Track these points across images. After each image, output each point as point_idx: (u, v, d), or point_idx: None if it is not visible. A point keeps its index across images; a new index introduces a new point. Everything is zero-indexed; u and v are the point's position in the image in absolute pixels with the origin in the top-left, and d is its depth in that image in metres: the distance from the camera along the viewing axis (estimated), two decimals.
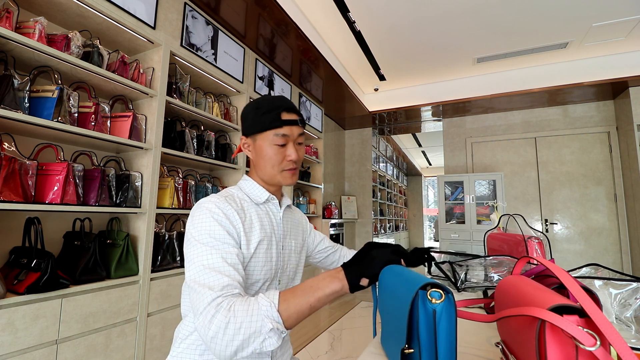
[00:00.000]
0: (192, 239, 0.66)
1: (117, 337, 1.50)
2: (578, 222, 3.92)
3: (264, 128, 0.77)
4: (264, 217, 0.80)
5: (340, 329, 2.87)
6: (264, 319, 0.55)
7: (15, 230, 1.39)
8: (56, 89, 1.33)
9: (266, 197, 0.81)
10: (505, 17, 2.77)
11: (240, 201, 0.77)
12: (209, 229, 0.67)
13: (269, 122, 0.76)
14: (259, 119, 0.78)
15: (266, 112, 0.77)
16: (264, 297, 0.57)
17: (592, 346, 0.33)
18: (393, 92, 4.38)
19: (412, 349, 0.45)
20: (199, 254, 0.63)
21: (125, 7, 1.64)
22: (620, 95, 3.66)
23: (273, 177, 0.80)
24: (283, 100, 0.80)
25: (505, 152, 4.33)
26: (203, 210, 0.69)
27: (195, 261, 0.63)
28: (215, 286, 0.58)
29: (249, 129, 0.80)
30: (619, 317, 0.70)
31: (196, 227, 0.67)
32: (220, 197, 0.74)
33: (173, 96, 1.93)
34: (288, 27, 2.54)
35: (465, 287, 0.98)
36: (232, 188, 0.83)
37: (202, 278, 0.60)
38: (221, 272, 0.61)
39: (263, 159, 0.78)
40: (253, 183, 0.82)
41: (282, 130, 0.77)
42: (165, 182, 1.87)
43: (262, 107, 0.78)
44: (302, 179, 3.60)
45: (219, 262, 0.62)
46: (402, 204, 8.53)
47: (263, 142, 0.78)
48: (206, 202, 0.72)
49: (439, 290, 0.44)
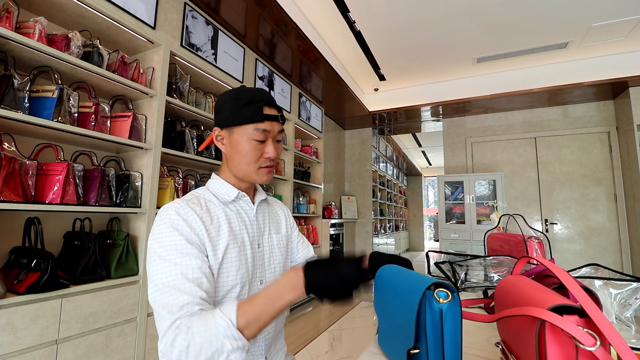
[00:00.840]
0: (152, 252, 0.62)
1: (117, 337, 1.50)
2: (578, 222, 3.92)
3: (244, 121, 0.71)
4: (234, 217, 0.75)
5: (340, 329, 2.87)
6: (223, 340, 0.53)
7: (15, 230, 1.39)
8: (56, 89, 1.33)
9: (235, 195, 0.76)
10: (505, 17, 2.77)
11: (205, 203, 0.73)
12: (168, 240, 0.62)
13: (250, 115, 0.71)
14: (238, 110, 0.72)
15: (247, 103, 0.71)
16: (221, 316, 0.54)
17: (592, 346, 0.33)
18: (393, 92, 4.38)
19: (418, 349, 0.45)
20: (158, 270, 0.60)
21: (125, 7, 1.64)
22: (620, 95, 3.66)
23: (248, 174, 0.75)
24: (265, 93, 0.75)
25: (505, 152, 4.33)
26: (163, 219, 0.65)
27: (155, 279, 0.59)
28: (174, 307, 0.56)
29: (225, 120, 0.74)
30: (619, 317, 0.70)
31: (156, 239, 0.63)
32: (183, 201, 0.69)
33: (173, 96, 1.93)
34: (288, 27, 2.54)
35: (465, 287, 0.98)
36: (200, 189, 0.78)
37: (161, 298, 0.57)
38: (180, 290, 0.57)
39: (239, 154, 0.73)
40: (221, 182, 0.78)
41: (263, 125, 0.72)
42: (165, 182, 1.87)
43: (242, 97, 0.72)
44: (302, 179, 3.60)
45: (178, 279, 0.59)
46: (402, 204, 8.53)
47: (240, 136, 0.72)
48: (167, 208, 0.67)
49: (445, 290, 0.44)
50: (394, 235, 7.02)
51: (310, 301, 3.56)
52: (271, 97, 0.75)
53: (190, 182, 2.03)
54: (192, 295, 0.57)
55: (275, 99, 0.78)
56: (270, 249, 0.81)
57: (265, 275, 0.77)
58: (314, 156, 3.79)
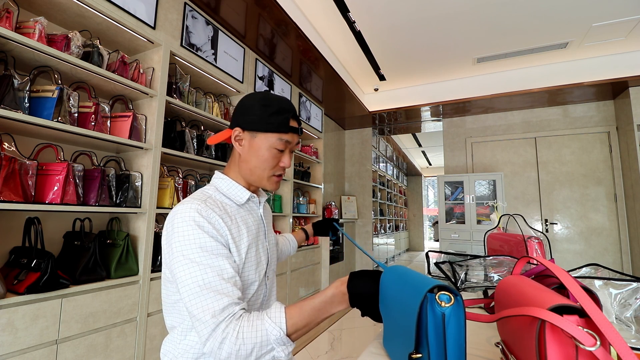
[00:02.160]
0: (179, 255, 0.61)
1: (117, 337, 1.50)
2: (578, 222, 3.92)
3: (270, 129, 0.73)
4: (249, 218, 0.76)
5: (340, 329, 2.87)
6: (274, 345, 0.56)
7: (15, 230, 1.39)
8: (56, 89, 1.33)
9: (247, 197, 0.77)
10: (505, 17, 2.77)
11: (222, 204, 0.72)
12: (197, 241, 0.61)
13: (277, 124, 0.73)
14: (267, 118, 0.73)
15: (275, 113, 0.73)
16: (270, 323, 0.56)
17: (592, 346, 0.33)
18: (393, 92, 4.38)
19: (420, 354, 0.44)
20: (191, 273, 0.59)
21: (125, 7, 1.64)
22: (620, 95, 3.66)
23: (260, 179, 0.76)
24: (291, 105, 0.78)
25: (505, 152, 4.33)
26: (186, 219, 0.63)
27: (189, 282, 0.58)
28: (216, 310, 0.56)
29: (250, 124, 0.74)
30: (619, 317, 0.70)
31: (182, 241, 0.61)
32: (200, 201, 0.67)
33: (173, 96, 1.93)
34: (288, 27, 2.54)
35: (465, 287, 0.98)
36: (208, 188, 0.76)
37: (200, 302, 0.57)
38: (219, 292, 0.57)
39: (258, 159, 0.74)
40: (231, 182, 0.77)
41: (287, 137, 0.74)
42: (165, 182, 1.87)
43: (271, 105, 0.74)
44: (302, 179, 3.60)
45: (215, 280, 0.58)
46: (402, 204, 8.53)
47: (263, 142, 0.73)
48: (187, 209, 0.65)
49: (447, 293, 0.43)
50: (394, 235, 7.02)
51: None
52: (295, 109, 0.78)
53: (190, 182, 2.03)
54: (231, 297, 0.58)
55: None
56: (272, 246, 0.86)
57: (269, 271, 0.81)
58: (314, 156, 3.79)
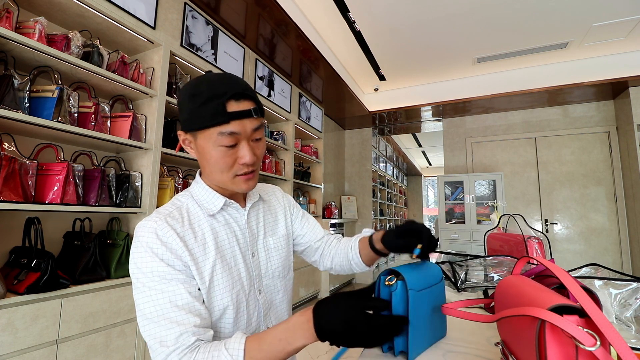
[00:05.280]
0: (134, 279, 0.57)
1: (117, 337, 1.50)
2: (578, 222, 3.92)
3: (204, 124, 0.57)
4: (221, 229, 0.66)
5: None
6: None
7: (15, 230, 1.39)
8: (56, 89, 1.33)
9: (221, 205, 0.66)
10: (505, 17, 2.77)
11: (188, 215, 0.64)
12: (149, 266, 0.56)
13: (210, 116, 0.57)
14: (196, 110, 0.58)
15: (206, 101, 0.57)
16: (227, 356, 0.51)
17: (592, 346, 0.33)
18: (393, 92, 4.38)
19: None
20: (144, 300, 0.55)
21: (125, 7, 1.64)
22: (620, 95, 3.66)
23: (223, 184, 0.64)
24: (229, 84, 0.58)
25: (505, 152, 4.33)
26: (141, 241, 0.58)
27: (142, 308, 0.55)
28: (168, 340, 0.52)
29: (186, 124, 0.61)
30: (619, 317, 0.70)
31: (137, 265, 0.57)
32: (161, 217, 0.61)
33: (173, 96, 1.93)
34: (288, 27, 2.54)
35: (465, 287, 0.98)
36: (183, 196, 0.68)
37: (152, 330, 0.53)
38: (171, 320, 0.53)
39: (208, 162, 0.61)
40: (205, 188, 0.67)
41: (230, 127, 0.57)
42: (165, 182, 1.87)
43: (200, 93, 0.57)
44: (302, 179, 3.60)
45: (167, 307, 0.54)
46: (402, 204, 8.53)
47: (205, 142, 0.59)
48: (144, 228, 0.59)
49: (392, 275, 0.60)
50: None
51: (311, 301, 3.56)
52: (239, 85, 0.59)
53: (190, 182, 2.03)
54: (185, 325, 0.53)
55: (247, 85, 0.62)
56: (267, 254, 0.73)
57: (262, 284, 0.71)
58: (314, 156, 3.79)
